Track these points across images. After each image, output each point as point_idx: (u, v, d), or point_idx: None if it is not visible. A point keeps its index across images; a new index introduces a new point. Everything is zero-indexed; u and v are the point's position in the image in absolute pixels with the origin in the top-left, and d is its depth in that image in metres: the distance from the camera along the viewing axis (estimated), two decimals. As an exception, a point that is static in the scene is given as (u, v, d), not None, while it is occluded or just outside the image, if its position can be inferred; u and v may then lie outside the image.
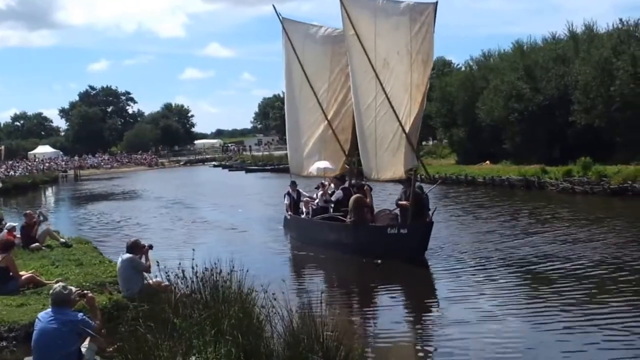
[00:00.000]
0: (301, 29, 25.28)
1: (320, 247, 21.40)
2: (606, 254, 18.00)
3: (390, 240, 18.89)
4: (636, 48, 37.49)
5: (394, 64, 19.88)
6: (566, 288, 14.65)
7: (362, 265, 18.93)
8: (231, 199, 42.52)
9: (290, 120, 26.18)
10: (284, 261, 21.29)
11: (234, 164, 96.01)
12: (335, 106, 24.20)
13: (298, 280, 17.98)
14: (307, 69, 24.54)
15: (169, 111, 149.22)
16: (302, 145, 25.58)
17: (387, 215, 20.86)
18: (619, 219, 24.48)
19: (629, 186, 31.86)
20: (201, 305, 9.37)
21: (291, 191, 25.80)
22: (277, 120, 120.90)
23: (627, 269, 16.16)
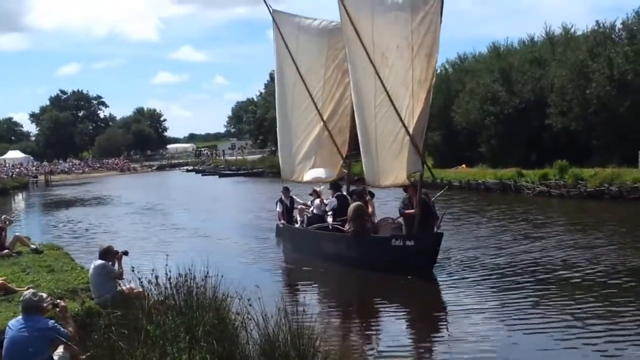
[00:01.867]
0: (293, 22, 23.32)
1: (316, 259, 19.80)
2: (609, 260, 17.38)
3: (395, 252, 17.12)
4: (612, 50, 37.58)
5: (393, 59, 17.90)
6: (578, 298, 13.98)
7: (361, 278, 17.52)
8: (204, 205, 42.08)
9: (282, 121, 24.40)
10: (269, 271, 19.69)
11: (207, 168, 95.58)
12: (332, 105, 22.62)
13: (288, 292, 16.81)
14: (300, 65, 22.85)
15: (141, 115, 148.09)
16: (296, 149, 23.76)
17: (390, 224, 18.84)
18: (611, 223, 24.07)
19: (606, 189, 31.80)
20: (175, 312, 9.13)
21: (284, 198, 24.07)
22: (250, 124, 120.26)
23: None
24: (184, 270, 9.84)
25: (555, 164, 35.58)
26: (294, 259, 21.13)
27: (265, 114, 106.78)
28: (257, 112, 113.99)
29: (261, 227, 28.39)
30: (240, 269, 18.38)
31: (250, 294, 8.95)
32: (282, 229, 23.82)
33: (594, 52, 38.90)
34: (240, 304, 8.80)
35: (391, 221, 19.02)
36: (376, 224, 19.00)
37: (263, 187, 58.21)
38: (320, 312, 13.89)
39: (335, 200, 20.33)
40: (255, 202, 42.39)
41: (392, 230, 18.34)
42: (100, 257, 12.39)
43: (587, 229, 22.78)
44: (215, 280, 9.73)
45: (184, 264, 10.14)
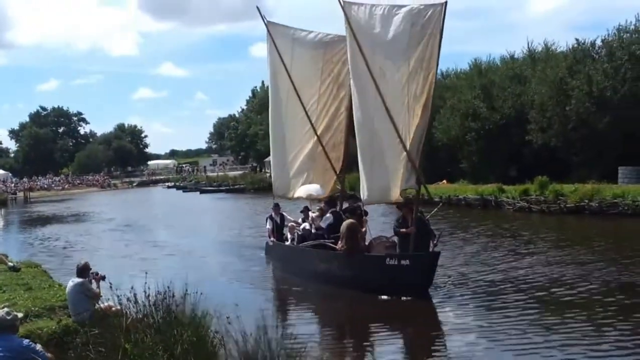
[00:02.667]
0: (288, 34, 22.62)
1: (306, 278, 19.11)
2: (600, 277, 17.34)
3: (389, 272, 16.37)
4: (591, 67, 37.94)
5: (390, 74, 17.29)
6: (573, 317, 13.76)
7: (353, 298, 16.76)
8: (186, 221, 41.83)
9: (275, 135, 23.52)
10: (251, 289, 19.13)
11: (188, 184, 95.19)
12: (326, 120, 21.86)
13: (272, 311, 16.16)
14: (294, 78, 22.13)
15: (121, 132, 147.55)
16: (289, 164, 22.90)
17: (384, 243, 18.10)
18: (597, 239, 24.10)
19: (586, 205, 32.00)
20: (153, 330, 8.98)
21: (274, 215, 23.36)
22: (232, 140, 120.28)
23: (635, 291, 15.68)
24: (163, 288, 9.71)
25: (536, 179, 35.75)
26: (282, 277, 20.71)
27: (246, 130, 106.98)
28: (238, 128, 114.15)
29: (243, 244, 28.30)
30: (221, 287, 18.29)
31: (230, 312, 8.86)
32: (271, 247, 23.12)
33: (574, 69, 39.30)
34: (220, 322, 8.70)
35: (385, 240, 18.35)
36: (370, 243, 18.25)
37: (245, 203, 58.14)
38: (307, 332, 13.63)
39: (331, 216, 19.63)
40: (237, 218, 42.29)
41: (386, 249, 17.67)
42: (78, 275, 12.23)
43: (574, 245, 22.79)
44: (195, 298, 9.62)
45: (164, 281, 10.02)
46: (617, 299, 15.05)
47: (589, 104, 37.14)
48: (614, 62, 37.63)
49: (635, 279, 16.90)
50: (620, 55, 37.79)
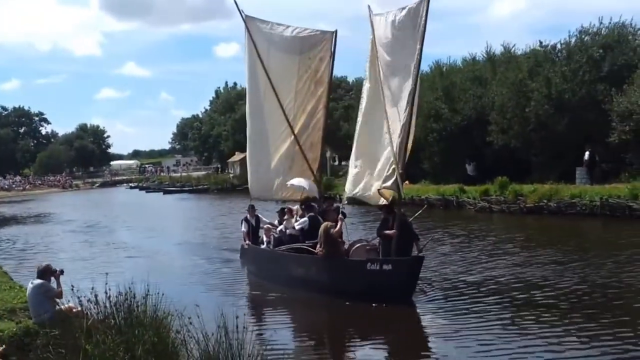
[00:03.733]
0: (265, 29, 21.71)
1: (283, 283, 18.30)
2: (576, 277, 17.42)
3: (371, 278, 15.54)
4: (550, 70, 38.57)
5: (395, 78, 16.81)
6: (558, 319, 13.65)
7: (331, 304, 16.21)
8: (149, 222, 41.58)
9: (253, 134, 22.53)
10: (217, 290, 18.73)
11: (151, 185, 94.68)
12: (303, 118, 21.10)
13: (243, 315, 15.81)
14: (271, 74, 21.29)
15: (84, 132, 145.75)
16: (266, 164, 21.99)
17: (364, 246, 17.44)
18: (566, 240, 24.43)
19: (545, 205, 32.55)
20: (115, 331, 9.01)
21: (249, 217, 22.37)
22: (195, 141, 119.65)
23: (612, 291, 15.74)
24: (125, 289, 9.76)
25: (496, 180, 36.29)
26: (254, 281, 20.18)
27: (210, 130, 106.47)
28: (202, 128, 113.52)
29: (209, 245, 28.36)
30: (185, 289, 18.01)
31: (192, 313, 8.95)
32: (246, 250, 22.18)
33: (533, 71, 39.90)
34: (181, 322, 8.78)
35: (365, 243, 17.75)
36: (349, 246, 17.52)
37: (209, 204, 58.01)
38: (280, 337, 13.51)
39: (307, 220, 18.60)
40: (202, 219, 42.19)
41: (367, 252, 16.97)
42: (38, 276, 12.20)
43: (543, 246, 23.06)
44: (156, 299, 9.68)
45: (126, 282, 10.07)
46: (598, 299, 15.14)
47: (547, 106, 37.75)
48: (573, 65, 38.30)
49: (607, 279, 17.03)
50: (579, 58, 38.47)
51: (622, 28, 39.94)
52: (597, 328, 12.78)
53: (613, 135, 34.41)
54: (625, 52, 37.96)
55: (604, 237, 25.20)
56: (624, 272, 17.68)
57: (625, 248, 21.58)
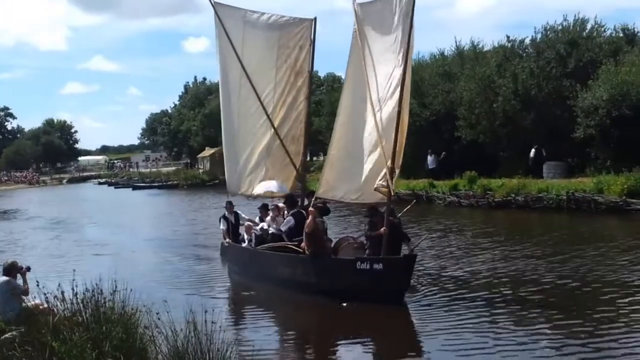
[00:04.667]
0: (239, 16, 20.58)
1: (267, 283, 17.56)
2: (568, 271, 17.41)
3: (361, 278, 14.73)
4: (517, 66, 38.98)
5: (380, 64, 16.21)
6: (550, 314, 13.50)
7: (316, 304, 15.49)
8: (117, 218, 41.34)
9: (227, 128, 21.49)
10: (194, 289, 17.99)
11: (120, 180, 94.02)
12: (283, 111, 20.26)
13: (212, 309, 14.50)
14: (247, 65, 20.24)
15: (50, 127, 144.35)
16: (244, 160, 20.99)
17: (352, 244, 16.57)
18: (544, 234, 24.55)
19: (512, 199, 32.95)
20: (82, 328, 9.01)
21: (227, 214, 21.50)
22: (165, 136, 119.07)
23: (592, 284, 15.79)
24: (92, 286, 9.74)
25: (465, 174, 36.66)
26: (235, 279, 19.57)
27: (179, 125, 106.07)
28: (171, 124, 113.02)
29: (181, 241, 28.17)
30: (154, 285, 17.86)
31: (161, 309, 8.96)
32: (227, 249, 21.27)
33: (501, 67, 40.29)
34: (150, 318, 8.79)
35: (352, 240, 16.92)
36: (336, 244, 16.73)
37: (179, 199, 57.79)
38: (261, 337, 13.26)
39: (292, 218, 17.67)
40: (172, 215, 42.04)
41: (354, 250, 16.12)
42: (4, 273, 12.13)
43: (521, 240, 23.28)
44: (124, 295, 9.68)
45: (93, 279, 10.05)
46: (590, 292, 15.22)
47: (515, 102, 38.20)
48: (540, 61, 38.76)
49: (597, 273, 17.09)
50: (547, 54, 38.94)
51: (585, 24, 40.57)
52: (593, 324, 12.63)
53: (578, 131, 34.84)
54: (591, 48, 38.49)
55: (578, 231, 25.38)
56: (602, 266, 17.88)
57: (600, 240, 22.01)
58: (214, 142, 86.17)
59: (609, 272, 16.98)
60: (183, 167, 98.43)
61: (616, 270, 17.14)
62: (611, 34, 41.82)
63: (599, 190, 29.56)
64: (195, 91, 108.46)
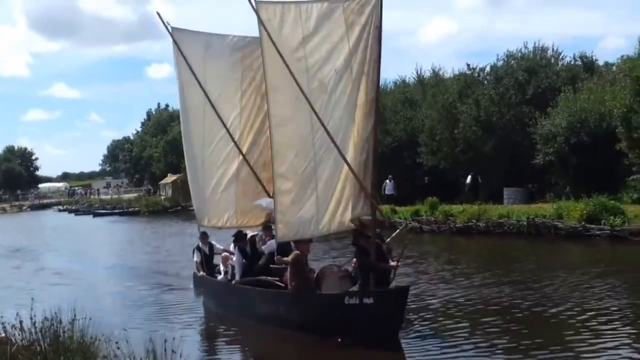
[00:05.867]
0: (199, 41, 19.63)
1: (247, 320, 16.18)
2: (559, 297, 17.14)
3: (350, 314, 13.39)
4: (479, 93, 39.61)
5: (332, 85, 14.58)
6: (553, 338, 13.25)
7: (303, 340, 14.16)
8: (77, 246, 40.76)
9: (191, 158, 20.53)
10: (158, 317, 17.56)
11: (80, 207, 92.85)
12: (251, 136, 19.07)
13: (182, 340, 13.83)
14: (210, 92, 19.19)
15: (11, 154, 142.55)
16: (212, 189, 19.85)
17: (336, 273, 15.13)
18: (520, 259, 24.82)
19: (473, 225, 33.26)
20: (40, 357, 8.90)
21: (201, 245, 20.40)
22: (127, 162, 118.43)
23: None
24: (51, 315, 9.61)
25: (426, 200, 36.94)
26: (210, 312, 18.33)
27: (141, 152, 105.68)
28: (133, 150, 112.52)
29: (141, 269, 27.75)
30: (115, 314, 17.51)
31: (120, 337, 8.87)
32: (201, 281, 20.04)
33: (462, 94, 40.90)
34: (109, 347, 8.70)
35: (336, 269, 15.48)
36: (319, 273, 15.26)
37: (141, 226, 57.27)
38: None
39: (274, 242, 16.23)
40: (134, 242, 41.59)
41: (340, 280, 14.83)
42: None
43: (497, 266, 23.26)
44: (84, 324, 9.56)
45: (53, 308, 9.91)
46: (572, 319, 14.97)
47: (476, 128, 38.75)
48: (501, 87, 39.45)
49: (574, 300, 16.90)
50: (506, 81, 39.65)
51: (545, 52, 41.47)
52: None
53: (538, 157, 35.44)
54: (549, 75, 39.29)
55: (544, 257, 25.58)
56: (577, 292, 17.84)
57: (579, 267, 22.14)
58: (176, 169, 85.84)
59: (585, 299, 16.87)
60: (145, 194, 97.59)
61: (591, 297, 17.08)
62: (569, 61, 42.82)
63: (558, 215, 29.99)
64: (158, 118, 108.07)
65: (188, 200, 71.65)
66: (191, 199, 21.38)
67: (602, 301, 16.39)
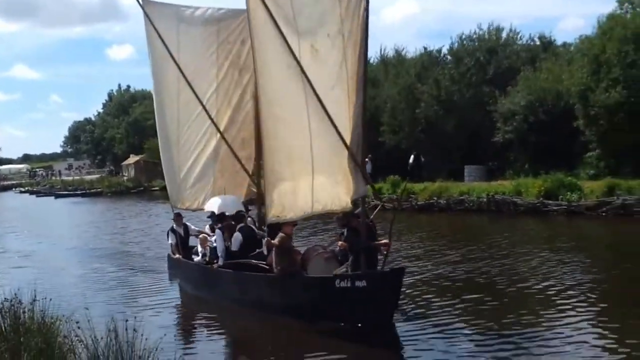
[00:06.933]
0: (171, 14, 18.56)
1: (231, 304, 15.41)
2: (549, 273, 17.38)
3: (341, 297, 12.73)
4: (439, 73, 39.94)
5: (325, 52, 13.47)
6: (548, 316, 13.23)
7: (287, 323, 13.52)
8: (39, 227, 40.30)
9: (164, 138, 19.61)
10: (122, 298, 17.26)
11: (42, 189, 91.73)
12: (229, 113, 18.15)
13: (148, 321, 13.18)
14: (185, 66, 18.12)
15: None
16: (187, 170, 19.03)
17: (322, 254, 14.38)
18: (492, 236, 24.96)
19: (435, 202, 33.77)
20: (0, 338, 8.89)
21: (176, 226, 19.36)
22: (88, 144, 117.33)
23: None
24: (11, 296, 9.65)
25: (388, 179, 37.28)
26: (185, 295, 17.82)
27: (103, 133, 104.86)
28: (94, 131, 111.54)
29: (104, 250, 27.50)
30: (77, 295, 17.06)
31: (81, 317, 8.93)
32: (177, 264, 19.07)
33: (423, 74, 41.20)
34: (69, 326, 8.74)
35: (322, 250, 14.72)
36: (304, 254, 14.67)
37: (104, 207, 56.88)
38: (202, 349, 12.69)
39: (240, 234, 15.64)
40: (97, 223, 41.22)
41: (326, 261, 14.12)
42: None
43: (469, 243, 23.61)
44: (44, 305, 9.60)
45: (13, 289, 9.94)
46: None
47: (437, 107, 39.11)
48: (461, 67, 39.82)
49: (550, 273, 17.29)
50: (467, 61, 40.04)
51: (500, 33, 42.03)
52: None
53: (498, 135, 35.92)
54: (509, 55, 39.75)
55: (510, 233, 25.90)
56: (545, 266, 18.29)
57: (540, 242, 22.96)
58: (139, 150, 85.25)
59: (551, 274, 17.26)
60: (107, 175, 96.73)
61: (555, 272, 17.48)
62: (528, 42, 43.33)
63: (517, 192, 30.61)
64: (120, 99, 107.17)
65: (151, 180, 72.11)
66: (154, 180, 21.20)
67: (567, 276, 16.85)
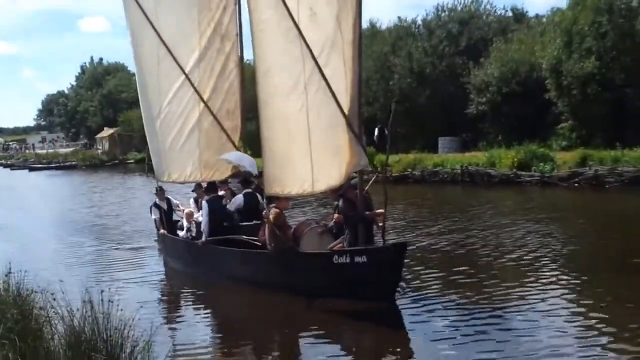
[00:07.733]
0: None
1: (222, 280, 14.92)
2: (531, 244, 17.31)
3: (339, 273, 12.12)
4: (412, 45, 40.08)
5: (324, 16, 12.47)
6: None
7: (281, 298, 12.97)
8: (14, 200, 40.05)
9: (147, 110, 18.87)
10: (100, 272, 16.90)
11: (16, 162, 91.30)
12: (212, 82, 17.33)
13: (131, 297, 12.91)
14: (165, 34, 17.41)
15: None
16: (171, 142, 18.29)
17: (315, 229, 13.90)
18: (476, 206, 25.34)
19: (409, 174, 34.09)
20: (-25, 311, 8.97)
21: (159, 201, 18.70)
22: (62, 117, 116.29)
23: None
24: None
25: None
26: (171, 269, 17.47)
27: (77, 106, 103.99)
28: (68, 104, 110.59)
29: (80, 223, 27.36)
30: (53, 267, 17.11)
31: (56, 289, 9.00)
32: (165, 242, 18.63)
33: (396, 46, 41.33)
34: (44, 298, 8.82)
35: (315, 225, 14.24)
36: (296, 229, 14.14)
37: (79, 180, 56.65)
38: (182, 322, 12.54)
39: (242, 197, 15.51)
40: (74, 196, 41.02)
41: (319, 236, 13.68)
42: None
43: (448, 214, 23.91)
44: (19, 277, 9.67)
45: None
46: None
47: (410, 79, 39.31)
48: (433, 39, 39.99)
49: (527, 244, 17.34)
50: (439, 33, 40.19)
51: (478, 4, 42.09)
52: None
53: (471, 107, 36.23)
54: (481, 27, 39.96)
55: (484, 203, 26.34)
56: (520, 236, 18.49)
57: (514, 213, 23.13)
58: (113, 123, 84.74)
59: (528, 244, 17.36)
60: (81, 148, 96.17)
61: (532, 242, 17.62)
62: (501, 13, 43.57)
63: (491, 163, 31.05)
64: (93, 71, 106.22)
65: (126, 153, 71.81)
66: (129, 153, 21.13)
67: (544, 247, 16.91)
